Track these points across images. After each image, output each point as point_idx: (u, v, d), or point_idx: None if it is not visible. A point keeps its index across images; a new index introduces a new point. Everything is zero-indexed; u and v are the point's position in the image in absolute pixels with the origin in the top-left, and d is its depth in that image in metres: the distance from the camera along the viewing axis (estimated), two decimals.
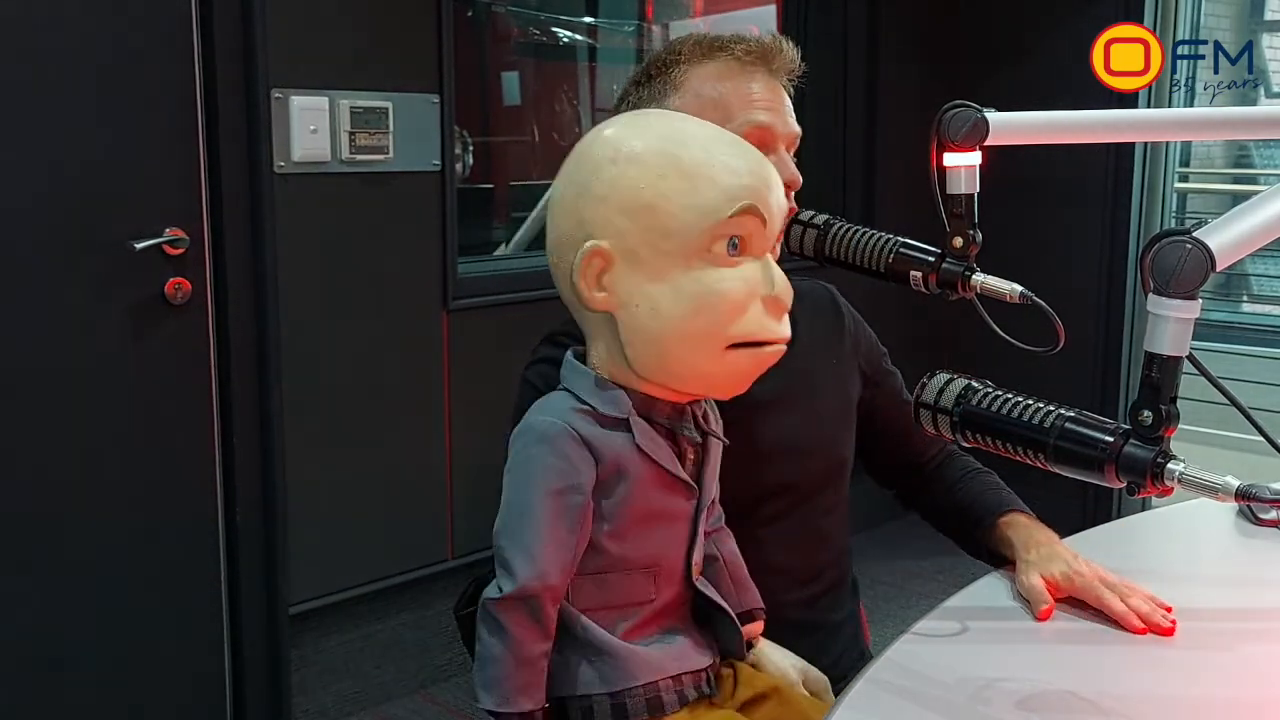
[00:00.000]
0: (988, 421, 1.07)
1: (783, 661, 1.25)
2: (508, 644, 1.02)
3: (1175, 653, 1.19)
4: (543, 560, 1.02)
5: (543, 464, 1.03)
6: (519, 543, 1.02)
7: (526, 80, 3.81)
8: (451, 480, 2.83)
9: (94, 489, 2.28)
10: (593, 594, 1.07)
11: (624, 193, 1.02)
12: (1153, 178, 3.71)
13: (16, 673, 2.20)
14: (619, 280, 1.03)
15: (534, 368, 1.33)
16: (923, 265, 1.29)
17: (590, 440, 1.04)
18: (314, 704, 2.68)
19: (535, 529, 1.02)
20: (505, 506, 1.05)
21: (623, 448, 1.05)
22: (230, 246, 2.39)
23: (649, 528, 1.08)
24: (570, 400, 1.07)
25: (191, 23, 2.31)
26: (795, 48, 1.38)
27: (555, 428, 1.04)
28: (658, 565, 1.10)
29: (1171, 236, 0.98)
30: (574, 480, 1.03)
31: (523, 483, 1.04)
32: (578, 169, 1.06)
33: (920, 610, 1.28)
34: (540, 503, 1.02)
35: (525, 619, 1.02)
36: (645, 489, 1.07)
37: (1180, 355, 0.99)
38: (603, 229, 1.02)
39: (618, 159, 1.03)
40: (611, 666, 1.07)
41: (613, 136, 1.06)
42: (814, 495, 1.43)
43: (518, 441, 1.06)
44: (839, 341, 1.50)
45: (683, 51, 1.37)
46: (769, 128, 1.33)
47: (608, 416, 1.05)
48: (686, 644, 1.13)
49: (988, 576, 1.39)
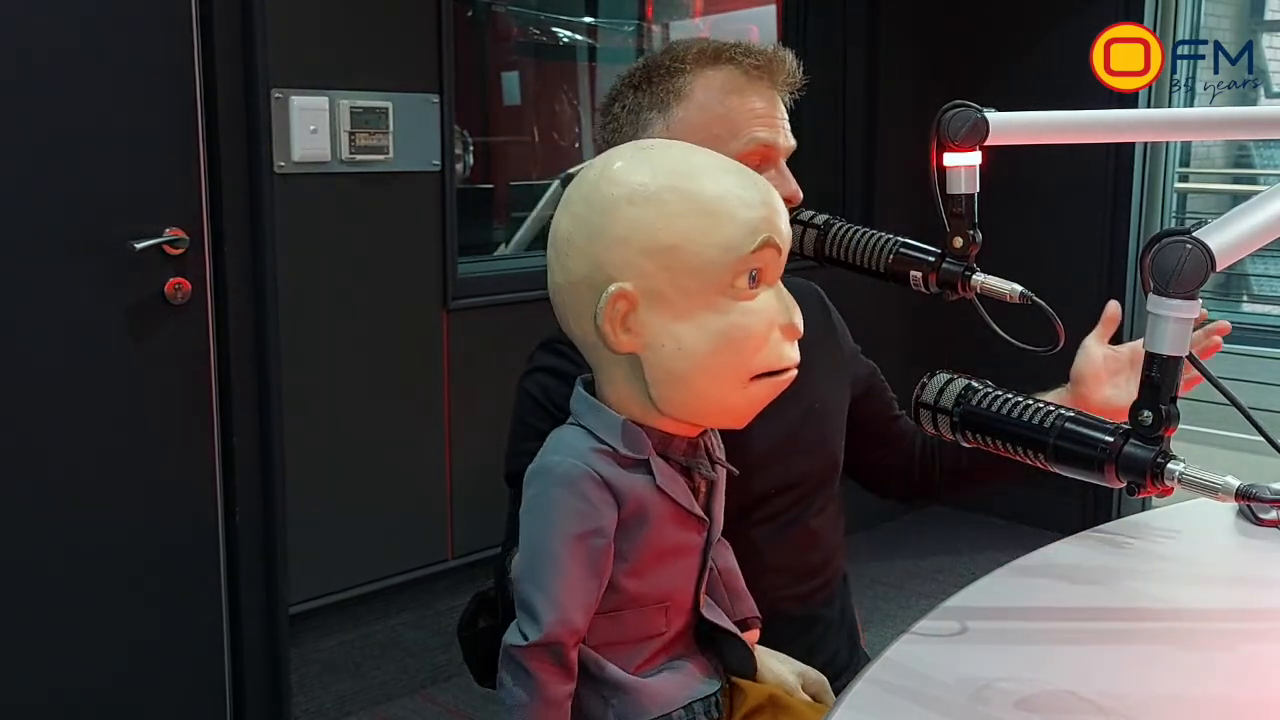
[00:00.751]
0: (988, 421, 1.07)
1: (779, 668, 1.25)
2: (533, 690, 1.01)
3: (1175, 653, 1.19)
4: (566, 606, 1.01)
5: (564, 507, 1.02)
6: (542, 588, 1.01)
7: (526, 80, 3.81)
8: (451, 480, 2.83)
9: (94, 489, 2.28)
10: (607, 630, 1.07)
11: (644, 234, 1.01)
12: (1153, 178, 3.71)
13: (16, 672, 2.20)
14: (644, 322, 1.02)
15: (532, 377, 1.32)
16: (923, 265, 1.29)
17: (611, 482, 1.03)
18: (314, 703, 2.68)
19: (558, 574, 1.01)
20: (526, 549, 1.04)
21: (643, 489, 1.04)
22: (230, 246, 2.39)
23: (664, 564, 1.08)
24: (588, 439, 1.05)
25: (191, 23, 2.31)
26: (796, 60, 1.38)
27: (577, 470, 1.02)
28: (670, 599, 1.10)
29: (1171, 236, 0.98)
30: (596, 524, 1.02)
31: (544, 526, 1.03)
32: (589, 209, 1.03)
33: (920, 610, 1.28)
34: (563, 547, 1.01)
35: (550, 664, 1.01)
36: (663, 527, 1.06)
37: (1180, 355, 0.99)
38: (624, 271, 1.01)
39: (635, 199, 1.01)
40: (626, 703, 1.07)
41: (624, 176, 1.03)
42: (809, 495, 1.43)
43: (537, 482, 1.05)
44: (830, 341, 1.50)
45: (687, 59, 1.35)
46: (771, 144, 1.33)
47: (628, 457, 1.04)
48: (694, 670, 1.13)
49: (988, 576, 1.39)
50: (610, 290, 1.00)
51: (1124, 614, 1.25)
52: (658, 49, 1.43)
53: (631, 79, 1.37)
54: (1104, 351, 1.44)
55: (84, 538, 2.26)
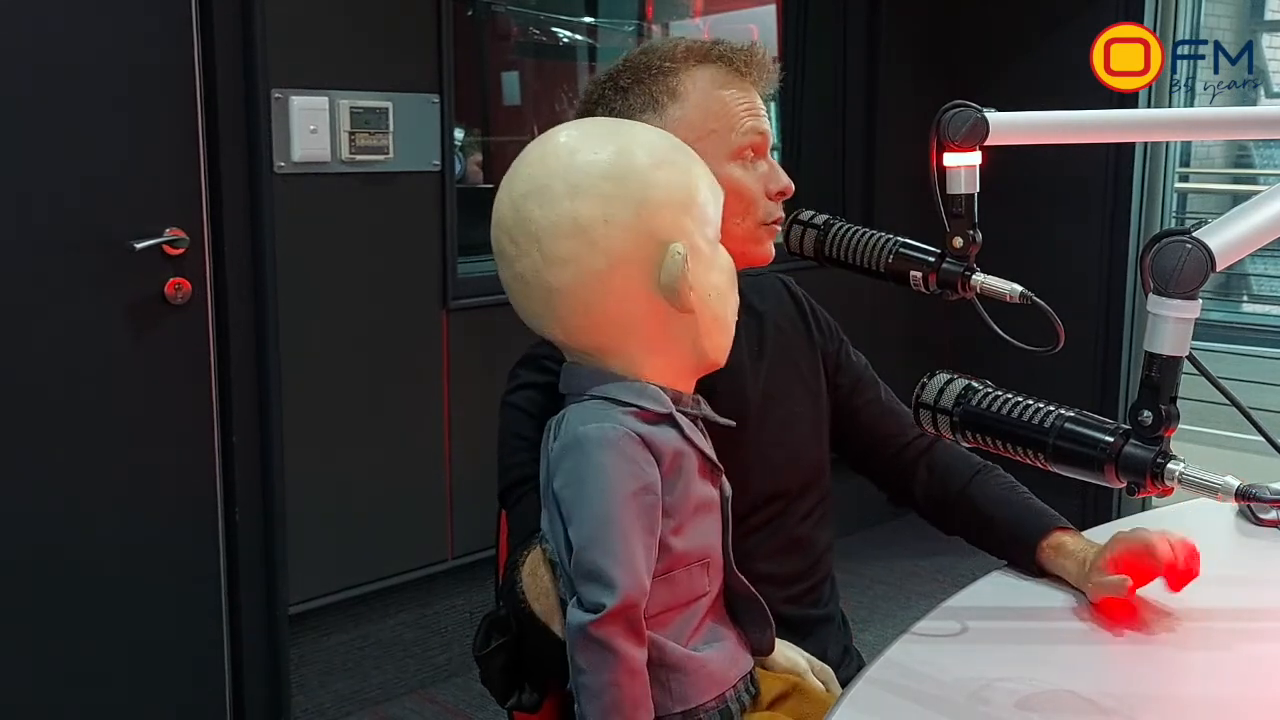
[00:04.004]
0: (988, 421, 1.07)
1: (791, 654, 1.26)
2: (617, 664, 0.99)
3: (1175, 653, 1.19)
4: (636, 567, 1.00)
5: (614, 469, 1.02)
6: (609, 553, 1.00)
7: (526, 80, 3.81)
8: (451, 480, 2.83)
9: (94, 489, 2.28)
10: (663, 595, 1.06)
11: (680, 192, 1.07)
12: (1153, 178, 3.71)
13: (16, 672, 2.20)
14: (695, 275, 1.08)
15: (519, 393, 1.31)
16: (923, 265, 1.29)
17: (648, 439, 1.04)
18: (313, 703, 2.68)
19: (622, 535, 1.00)
20: (583, 518, 1.02)
21: (675, 442, 1.06)
22: (230, 246, 2.39)
23: (700, 519, 1.09)
24: (611, 405, 1.06)
25: (191, 23, 2.31)
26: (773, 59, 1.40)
27: (616, 431, 1.03)
28: (708, 556, 1.11)
29: (1171, 236, 0.98)
30: (647, 480, 1.03)
31: (598, 491, 1.02)
32: (619, 185, 1.05)
33: (920, 610, 1.28)
34: (622, 508, 1.01)
35: (628, 631, 1.00)
36: (696, 479, 1.08)
37: (1180, 355, 0.99)
38: (673, 231, 1.06)
39: (660, 164, 1.07)
40: (684, 684, 1.07)
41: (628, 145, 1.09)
42: (794, 501, 1.43)
43: (576, 453, 1.04)
44: (803, 335, 1.49)
45: (676, 58, 1.34)
46: (766, 134, 1.35)
47: (653, 413, 1.06)
48: (733, 645, 1.13)
49: (988, 576, 1.39)
50: (681, 250, 1.05)
51: (1124, 614, 1.25)
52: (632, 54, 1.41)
53: (615, 81, 1.35)
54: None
55: (84, 538, 2.26)
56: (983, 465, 1.48)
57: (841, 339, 1.54)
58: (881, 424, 1.50)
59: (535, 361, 1.31)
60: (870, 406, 1.50)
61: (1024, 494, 1.45)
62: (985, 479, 1.47)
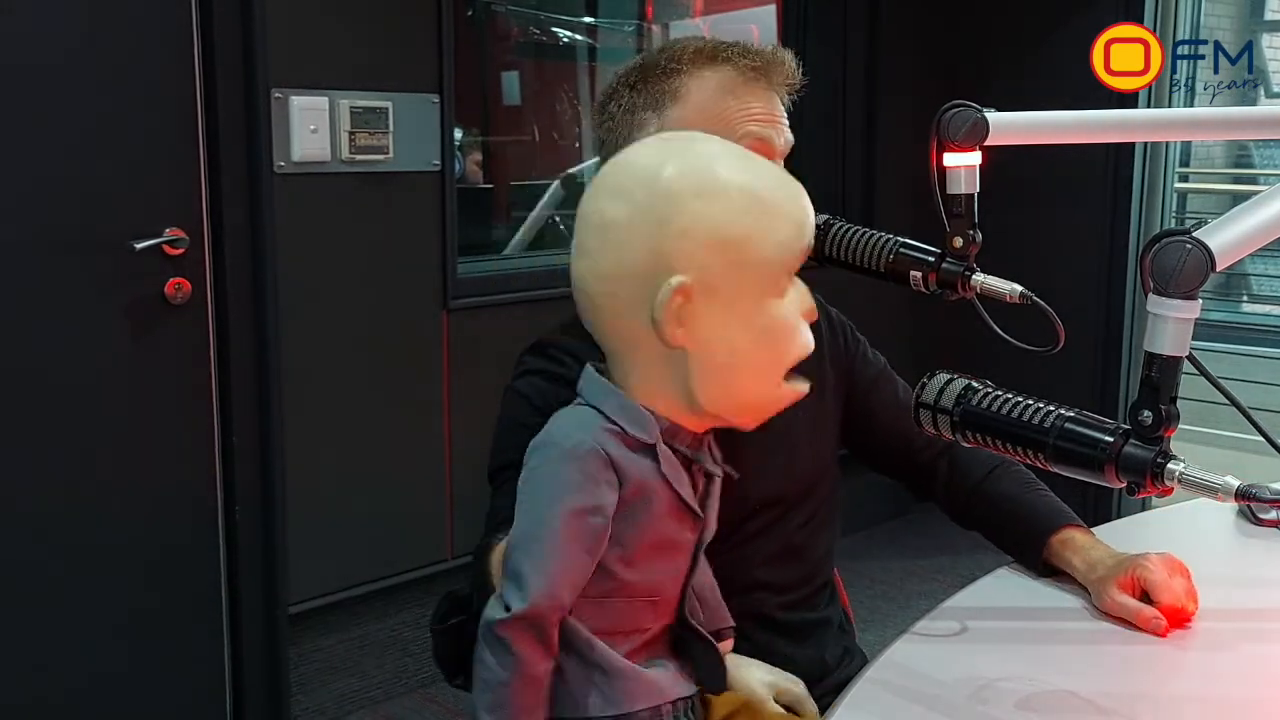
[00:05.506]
0: (988, 421, 1.07)
1: (750, 678, 1.24)
2: (514, 666, 1.00)
3: (1175, 653, 1.19)
4: (555, 580, 1.00)
5: (567, 481, 1.01)
6: (533, 558, 1.00)
7: (526, 80, 3.81)
8: (451, 480, 2.83)
9: (94, 488, 2.28)
10: (592, 617, 1.06)
11: (709, 228, 1.00)
12: (1153, 178, 3.71)
13: (16, 672, 2.20)
14: (697, 316, 1.01)
15: (525, 379, 1.31)
16: (923, 265, 1.29)
17: (618, 462, 1.02)
18: (314, 703, 2.68)
19: (553, 547, 1.00)
20: (523, 520, 1.02)
21: (648, 473, 1.04)
22: (230, 246, 2.39)
23: (658, 557, 1.07)
24: (598, 418, 1.04)
25: (191, 23, 2.31)
26: (796, 60, 1.38)
27: (585, 446, 1.01)
28: (659, 594, 1.09)
29: (1171, 236, 0.98)
30: (597, 501, 1.01)
31: (544, 498, 1.02)
32: (651, 198, 1.01)
33: (920, 610, 1.28)
34: (560, 521, 1.00)
35: (532, 639, 1.00)
36: (662, 516, 1.05)
37: (1180, 355, 0.99)
38: (685, 263, 1.00)
39: (702, 192, 1.01)
40: (616, 689, 1.05)
41: (690, 167, 1.03)
42: (794, 507, 1.42)
43: (541, 454, 1.04)
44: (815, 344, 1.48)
45: (683, 60, 1.34)
46: (767, 142, 1.33)
47: (635, 440, 1.03)
48: (674, 670, 1.12)
49: (988, 576, 1.39)
50: (673, 283, 0.99)
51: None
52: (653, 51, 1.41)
53: (627, 78, 1.37)
54: None
55: (84, 537, 2.26)
56: (1001, 460, 1.47)
57: (859, 339, 1.54)
58: (900, 422, 1.47)
59: (543, 349, 1.32)
60: (888, 405, 1.49)
61: (1040, 490, 1.45)
62: (1003, 474, 1.47)
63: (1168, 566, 1.26)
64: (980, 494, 1.46)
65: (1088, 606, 1.28)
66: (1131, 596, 1.25)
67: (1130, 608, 1.23)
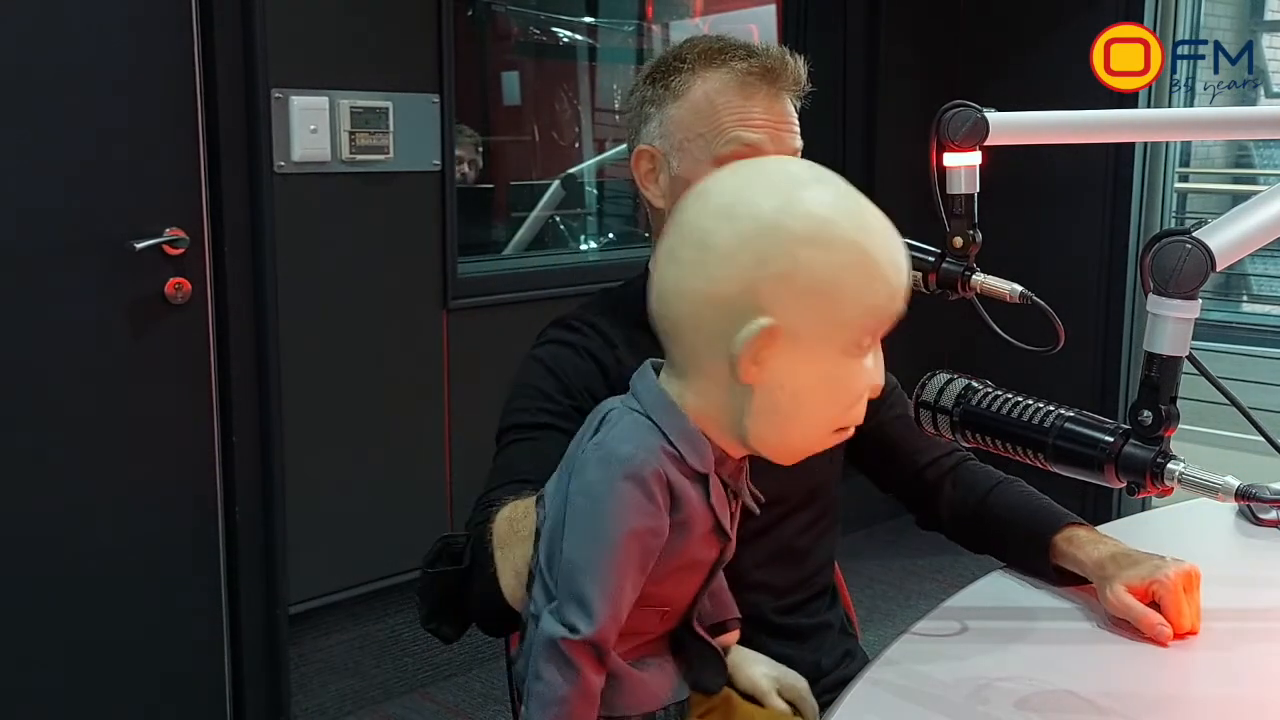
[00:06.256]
0: (988, 421, 1.07)
1: (754, 672, 1.24)
2: (575, 682, 0.99)
3: (1175, 653, 1.19)
4: (619, 604, 1.00)
5: (633, 502, 1.00)
6: (599, 582, 0.99)
7: (526, 80, 3.81)
8: (451, 480, 2.83)
9: (94, 488, 2.28)
10: None
11: (809, 276, 0.98)
12: (1153, 178, 3.71)
13: (16, 671, 2.20)
14: (776, 359, 0.99)
15: (544, 347, 1.32)
16: (923, 265, 1.29)
17: (674, 486, 1.02)
18: (314, 703, 2.68)
19: (617, 570, 1.00)
20: (587, 537, 1.01)
21: (696, 500, 1.03)
22: (230, 246, 2.39)
23: (682, 574, 1.07)
24: (659, 438, 1.03)
25: (191, 23, 2.31)
26: (801, 62, 1.38)
27: (649, 467, 1.01)
28: (671, 606, 1.10)
29: (1171, 236, 0.98)
30: (657, 523, 1.01)
31: (609, 517, 1.00)
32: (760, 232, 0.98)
33: (919, 610, 1.28)
34: (626, 543, 1.00)
35: (594, 659, 1.00)
36: (698, 541, 1.05)
37: (1180, 355, 0.99)
38: (774, 305, 0.98)
39: (815, 241, 0.98)
40: (615, 691, 1.06)
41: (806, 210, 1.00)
42: (793, 513, 1.42)
43: (604, 469, 1.02)
44: None
45: (688, 58, 1.35)
46: (757, 147, 1.32)
47: (690, 468, 1.03)
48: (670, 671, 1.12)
49: (988, 576, 1.39)
50: (762, 323, 0.97)
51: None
52: (658, 49, 1.43)
53: (644, 72, 1.40)
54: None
55: (84, 537, 2.26)
56: (1004, 478, 1.47)
57: None
58: (908, 440, 1.48)
59: (565, 322, 1.33)
60: (897, 422, 1.48)
61: (1041, 499, 1.44)
62: (1005, 488, 1.45)
63: (1185, 583, 1.23)
64: (983, 509, 1.45)
65: (1088, 606, 1.28)
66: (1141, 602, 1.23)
67: (1136, 611, 1.22)
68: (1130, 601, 1.22)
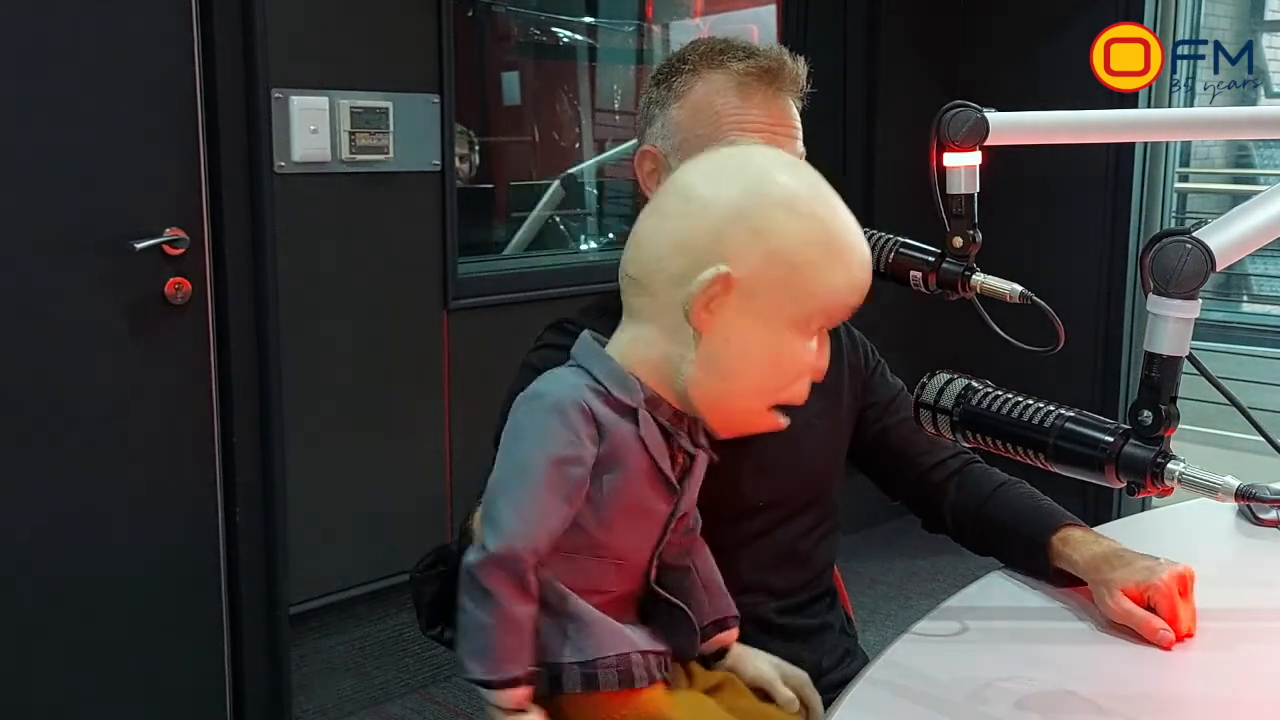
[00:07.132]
0: (988, 421, 1.07)
1: (758, 663, 1.24)
2: (492, 609, 1.01)
3: (1175, 652, 1.19)
4: (532, 523, 1.02)
5: (550, 431, 1.04)
6: (512, 502, 1.03)
7: (526, 80, 3.81)
8: (451, 480, 2.83)
9: (94, 488, 2.28)
10: (560, 572, 1.07)
11: (779, 242, 1.04)
12: (1153, 178, 3.71)
13: (16, 672, 2.20)
14: (726, 311, 1.05)
15: (539, 352, 1.33)
16: (923, 265, 1.29)
17: (600, 418, 1.05)
18: (314, 703, 2.68)
19: (532, 491, 1.03)
20: (504, 465, 1.05)
21: (627, 435, 1.06)
22: (230, 246, 2.39)
23: (630, 521, 1.09)
24: (584, 377, 1.08)
25: (191, 23, 2.31)
26: (801, 63, 1.38)
27: (569, 398, 1.05)
28: (626, 559, 1.11)
29: (1171, 236, 0.98)
30: (578, 452, 1.04)
31: (526, 445, 1.05)
32: (743, 192, 1.05)
33: (919, 610, 1.28)
34: (542, 467, 1.03)
35: (509, 580, 1.01)
36: (637, 481, 1.08)
37: (1180, 355, 0.99)
38: (740, 260, 1.03)
39: (790, 210, 1.04)
40: (583, 635, 1.07)
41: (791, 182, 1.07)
42: (794, 516, 1.42)
43: (526, 407, 1.07)
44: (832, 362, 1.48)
45: (690, 59, 1.37)
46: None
47: (618, 401, 1.06)
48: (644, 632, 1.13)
49: (988, 576, 1.39)
50: (720, 269, 1.03)
51: None
52: (658, 49, 1.44)
53: (652, 74, 1.42)
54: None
55: (84, 537, 2.26)
56: (1006, 480, 1.47)
57: (879, 359, 1.53)
58: (912, 444, 1.48)
59: (560, 325, 1.35)
60: (902, 426, 1.48)
61: (1041, 501, 1.44)
62: (1007, 491, 1.45)
63: (1179, 586, 1.22)
64: (985, 511, 1.45)
65: (1087, 607, 1.28)
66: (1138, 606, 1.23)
67: (1137, 617, 1.21)
68: (1130, 607, 1.22)
